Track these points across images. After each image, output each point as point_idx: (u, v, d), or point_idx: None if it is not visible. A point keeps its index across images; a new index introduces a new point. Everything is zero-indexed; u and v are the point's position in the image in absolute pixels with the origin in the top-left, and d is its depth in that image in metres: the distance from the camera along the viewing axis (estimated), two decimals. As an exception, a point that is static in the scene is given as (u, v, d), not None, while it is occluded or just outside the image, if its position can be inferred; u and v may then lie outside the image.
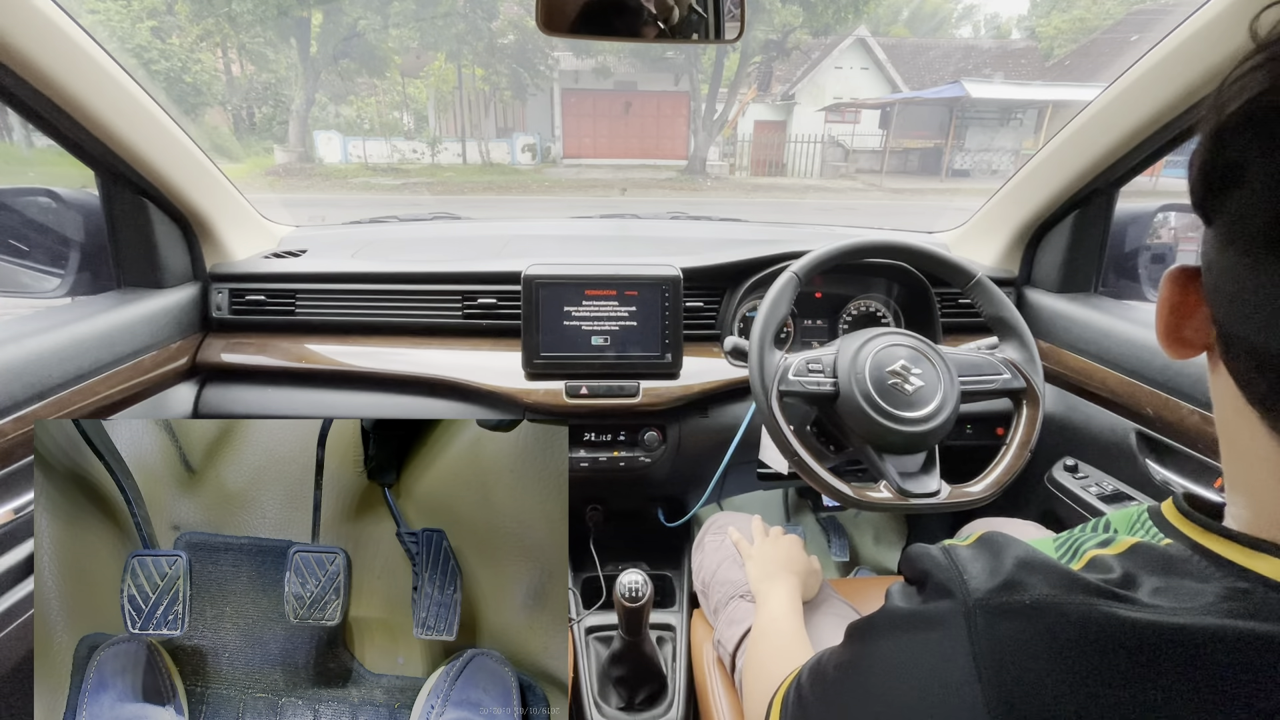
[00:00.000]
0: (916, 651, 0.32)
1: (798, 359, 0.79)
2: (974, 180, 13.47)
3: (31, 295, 0.97)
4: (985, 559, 0.32)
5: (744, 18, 0.70)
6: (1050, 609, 0.28)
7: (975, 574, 0.31)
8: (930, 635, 0.31)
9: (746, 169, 15.21)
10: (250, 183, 8.96)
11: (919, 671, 0.31)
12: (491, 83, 14.35)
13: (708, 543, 0.93)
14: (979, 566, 0.32)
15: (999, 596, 0.29)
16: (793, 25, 12.75)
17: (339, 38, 12.10)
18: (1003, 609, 0.29)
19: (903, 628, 0.34)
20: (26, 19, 0.67)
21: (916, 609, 0.33)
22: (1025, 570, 0.30)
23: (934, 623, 0.31)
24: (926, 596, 0.33)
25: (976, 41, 22.06)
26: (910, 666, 0.32)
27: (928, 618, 0.32)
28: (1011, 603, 0.29)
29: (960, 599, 0.30)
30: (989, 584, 0.30)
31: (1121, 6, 15.93)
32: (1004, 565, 0.31)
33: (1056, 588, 0.28)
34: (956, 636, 0.29)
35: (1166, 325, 0.32)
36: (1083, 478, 0.96)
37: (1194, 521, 0.31)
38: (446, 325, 1.05)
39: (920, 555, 0.35)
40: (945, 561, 0.33)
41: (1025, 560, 0.31)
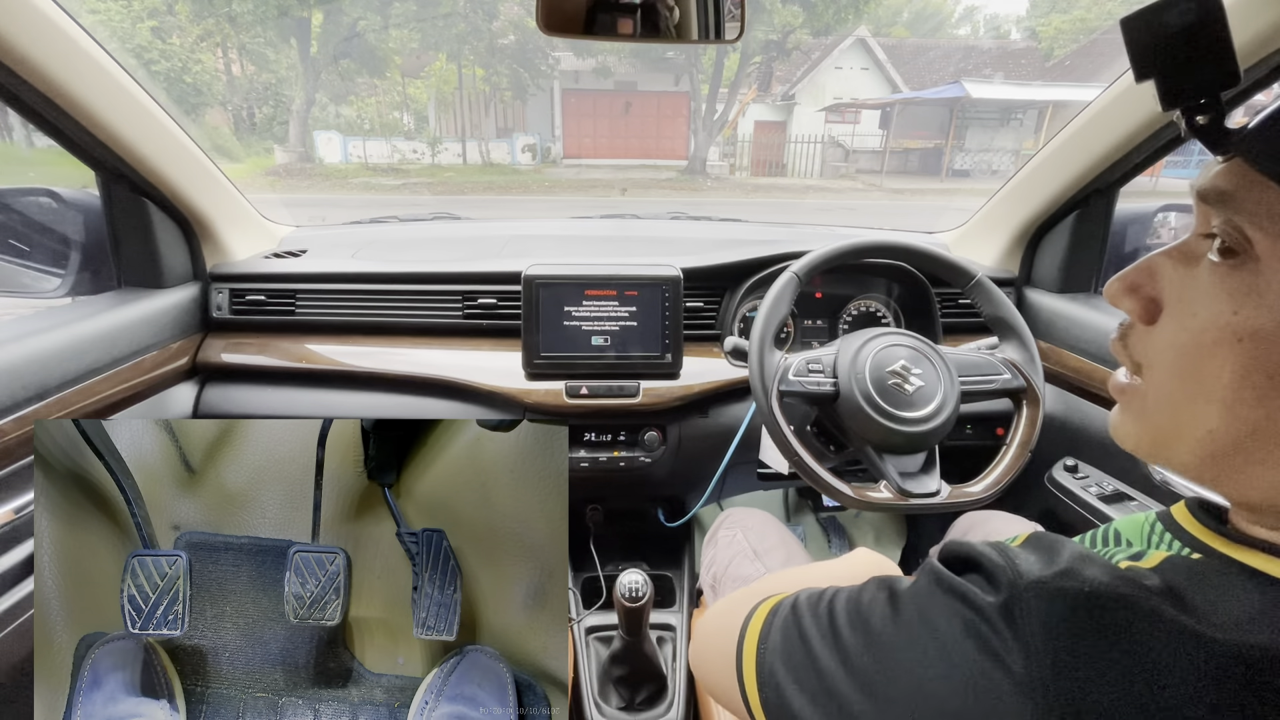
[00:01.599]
0: (952, 619, 0.30)
1: (798, 359, 0.79)
2: (974, 180, 13.46)
3: (32, 295, 0.97)
4: (1040, 553, 0.31)
5: (744, 18, 0.70)
6: (1110, 598, 0.26)
7: (1030, 564, 0.29)
8: (970, 613, 0.29)
9: (746, 169, 15.21)
10: (250, 183, 8.96)
11: (955, 642, 0.29)
12: (492, 83, 14.35)
13: (720, 537, 0.92)
14: (1033, 559, 0.30)
15: (1055, 581, 0.28)
16: (793, 25, 12.75)
17: (339, 38, 12.11)
18: (1059, 592, 0.27)
19: (949, 591, 0.31)
20: (26, 19, 0.67)
21: (963, 586, 0.31)
22: (1083, 562, 0.28)
23: (980, 599, 0.29)
24: (970, 579, 0.31)
25: (976, 42, 22.07)
26: (946, 633, 0.30)
27: (974, 595, 0.30)
28: (1068, 588, 0.27)
29: (1006, 587, 0.29)
30: (1043, 571, 0.28)
31: (1122, 6, 15.94)
32: (1060, 557, 0.29)
33: (1117, 579, 0.27)
34: (999, 618, 0.28)
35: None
36: (1083, 478, 0.96)
37: (1215, 531, 0.30)
38: (446, 325, 1.05)
39: (965, 546, 0.33)
40: (996, 555, 0.31)
41: (1083, 555, 0.29)
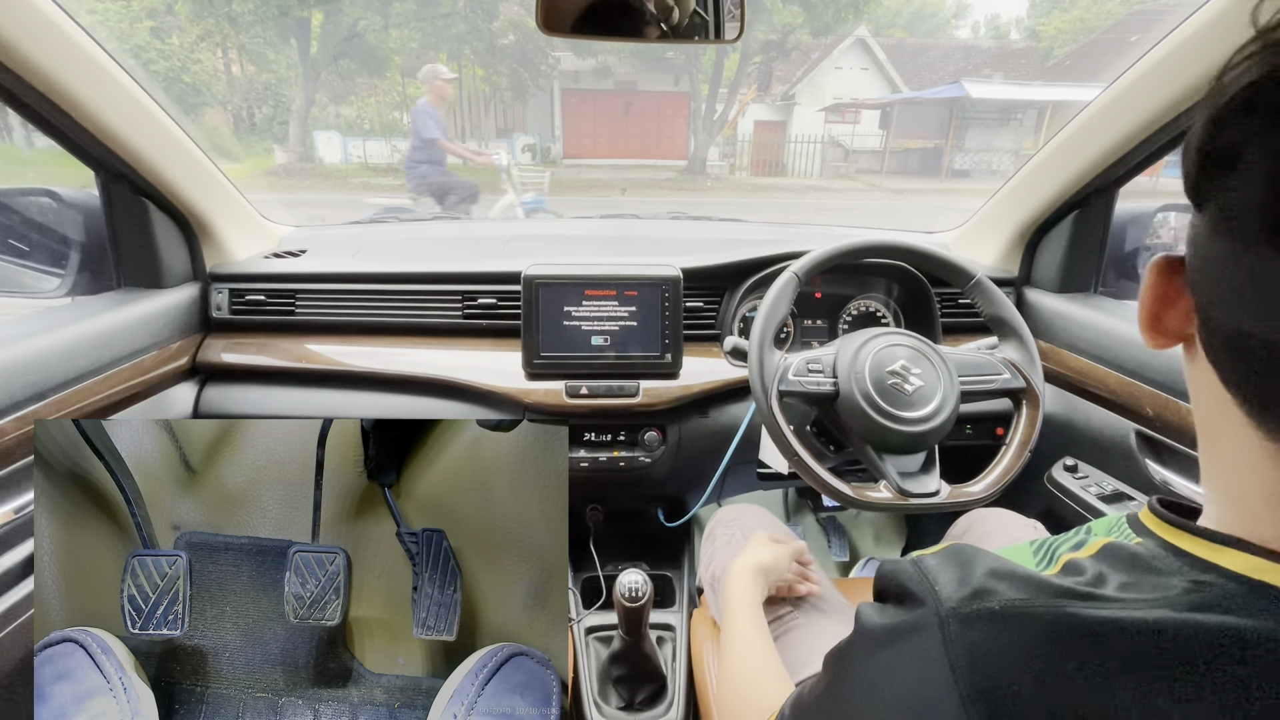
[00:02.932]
0: (893, 666, 0.32)
1: (798, 359, 0.79)
2: (974, 180, 13.46)
3: (32, 295, 0.97)
4: (954, 569, 0.33)
5: (744, 18, 0.70)
6: (1017, 613, 0.28)
7: (945, 583, 0.32)
8: (906, 646, 0.32)
9: (746, 169, 15.20)
10: (250, 183, 8.95)
11: (897, 687, 0.32)
12: (492, 83, 14.34)
13: (719, 535, 0.92)
14: (948, 576, 0.32)
15: (969, 604, 0.30)
16: (793, 25, 12.74)
17: (339, 38, 12.09)
18: (973, 615, 0.29)
19: (880, 643, 0.34)
20: (26, 19, 0.67)
21: (891, 622, 0.33)
22: (993, 578, 0.31)
23: (910, 631, 0.32)
24: (901, 607, 0.34)
25: (976, 42, 22.06)
26: (888, 685, 0.32)
27: (904, 628, 0.32)
28: (981, 609, 0.29)
29: (933, 606, 0.31)
30: (959, 592, 0.31)
31: (1122, 6, 15.93)
32: (973, 575, 0.31)
33: (1023, 592, 0.29)
34: (932, 644, 0.30)
35: (1149, 313, 0.32)
36: (1083, 478, 0.96)
37: (1165, 521, 0.31)
38: (446, 325, 1.05)
39: (890, 571, 0.36)
40: (915, 572, 0.34)
41: (994, 569, 0.31)
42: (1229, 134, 0.26)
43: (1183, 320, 0.31)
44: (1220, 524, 0.29)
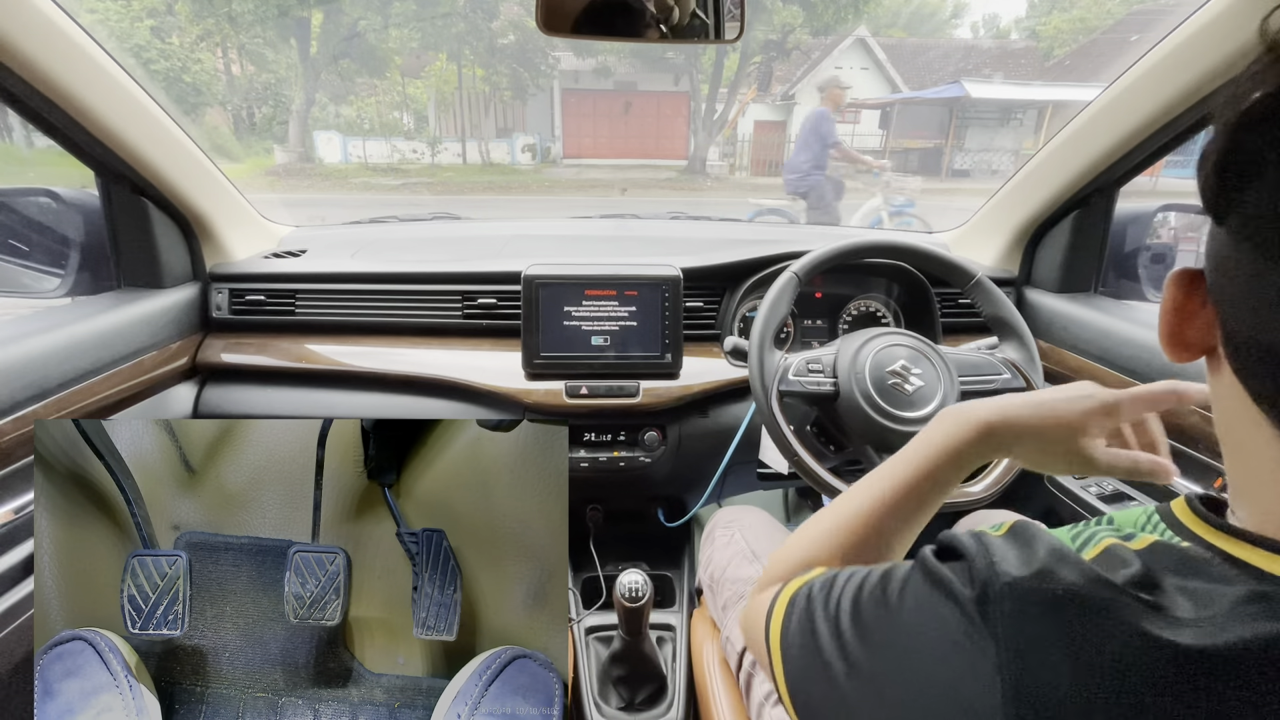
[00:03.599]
0: (939, 610, 0.32)
1: (798, 359, 0.79)
2: (974, 180, 13.45)
3: (31, 295, 0.97)
4: (1018, 548, 0.32)
5: (744, 18, 0.70)
6: (1081, 602, 0.27)
7: (1007, 559, 0.31)
8: (952, 593, 0.31)
9: (746, 169, 15.20)
10: (250, 183, 8.96)
11: (938, 630, 0.31)
12: (492, 83, 14.34)
13: (718, 537, 0.91)
14: (1011, 555, 0.31)
15: (1029, 582, 0.29)
16: (793, 25, 12.75)
17: (339, 38, 12.10)
18: (1031, 593, 0.28)
19: (931, 581, 0.33)
20: (26, 19, 0.67)
21: (943, 575, 0.33)
22: (1059, 562, 0.29)
23: (954, 593, 0.31)
24: (953, 569, 0.33)
25: (976, 42, 22.07)
26: (931, 621, 0.32)
27: (950, 586, 0.32)
28: (1041, 589, 0.28)
29: (981, 584, 0.30)
30: (1019, 570, 0.30)
31: (1122, 6, 15.93)
32: (1037, 555, 0.30)
33: (1089, 582, 0.28)
34: (975, 617, 0.29)
35: (1170, 328, 0.32)
36: (1082, 477, 0.96)
37: (1209, 523, 0.30)
38: (446, 325, 1.05)
39: (951, 535, 0.35)
40: (975, 546, 0.32)
41: (1059, 552, 0.30)
42: (1250, 143, 0.25)
43: (1204, 333, 0.30)
44: (1262, 530, 0.29)
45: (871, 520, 0.49)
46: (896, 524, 0.49)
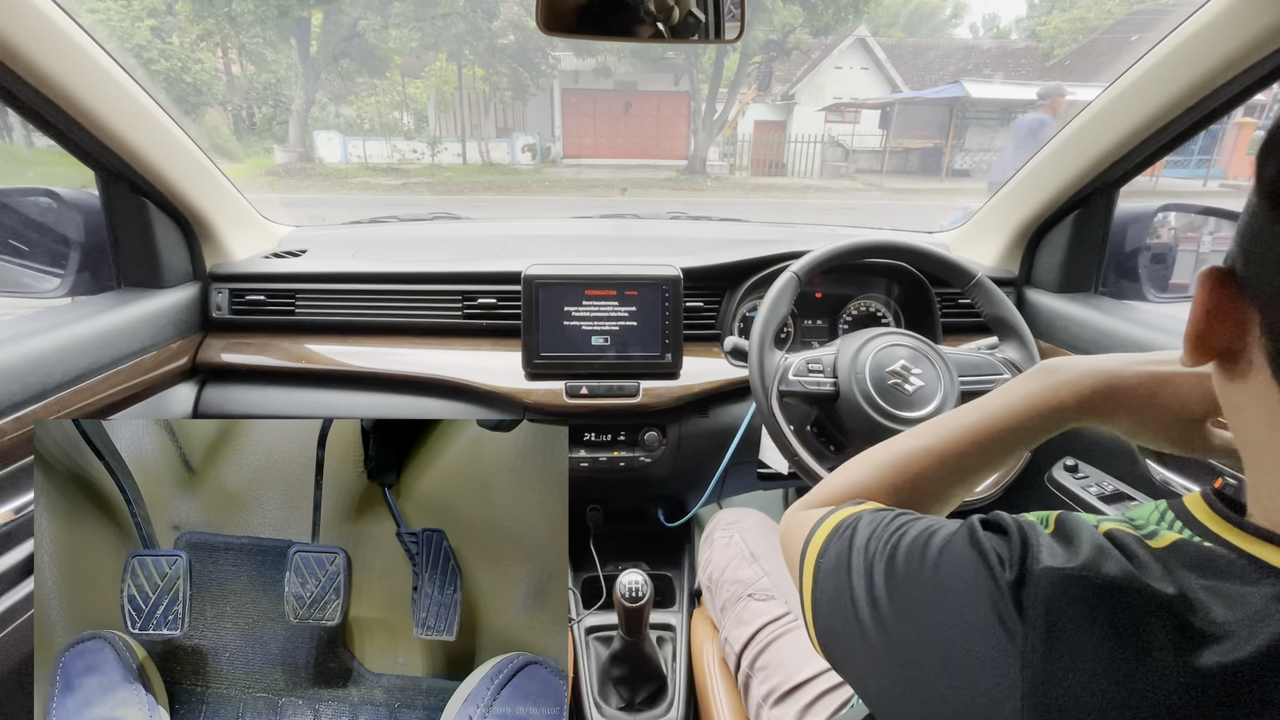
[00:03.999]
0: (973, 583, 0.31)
1: (798, 359, 0.79)
2: (974, 180, 13.46)
3: (31, 295, 0.97)
4: (1062, 542, 0.30)
5: (744, 18, 0.70)
6: (1121, 596, 0.26)
7: (1051, 550, 0.29)
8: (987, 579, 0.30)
9: (746, 169, 15.20)
10: (250, 183, 8.96)
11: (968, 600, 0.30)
12: (492, 83, 14.34)
13: (717, 538, 0.91)
14: (1056, 546, 0.30)
15: (1069, 570, 0.28)
16: (793, 25, 12.74)
17: (339, 38, 12.10)
18: (1069, 580, 0.28)
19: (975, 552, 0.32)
20: (26, 19, 0.67)
21: (986, 545, 0.32)
22: (1102, 557, 0.28)
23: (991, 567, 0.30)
24: (996, 544, 0.32)
25: (976, 42, 22.07)
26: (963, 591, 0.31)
27: (989, 558, 0.31)
28: (1081, 578, 0.27)
29: (1020, 565, 0.29)
30: (1062, 561, 0.29)
31: (1122, 6, 15.93)
32: (1080, 550, 0.29)
33: (1131, 579, 0.27)
34: (1006, 592, 0.28)
35: (1199, 328, 0.30)
36: (1083, 478, 0.96)
37: (1231, 523, 0.29)
38: (446, 325, 1.05)
39: (1000, 515, 0.34)
40: (1021, 531, 0.31)
41: (1103, 548, 0.29)
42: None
43: (1232, 335, 0.29)
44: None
45: (929, 463, 0.47)
46: (954, 476, 0.47)
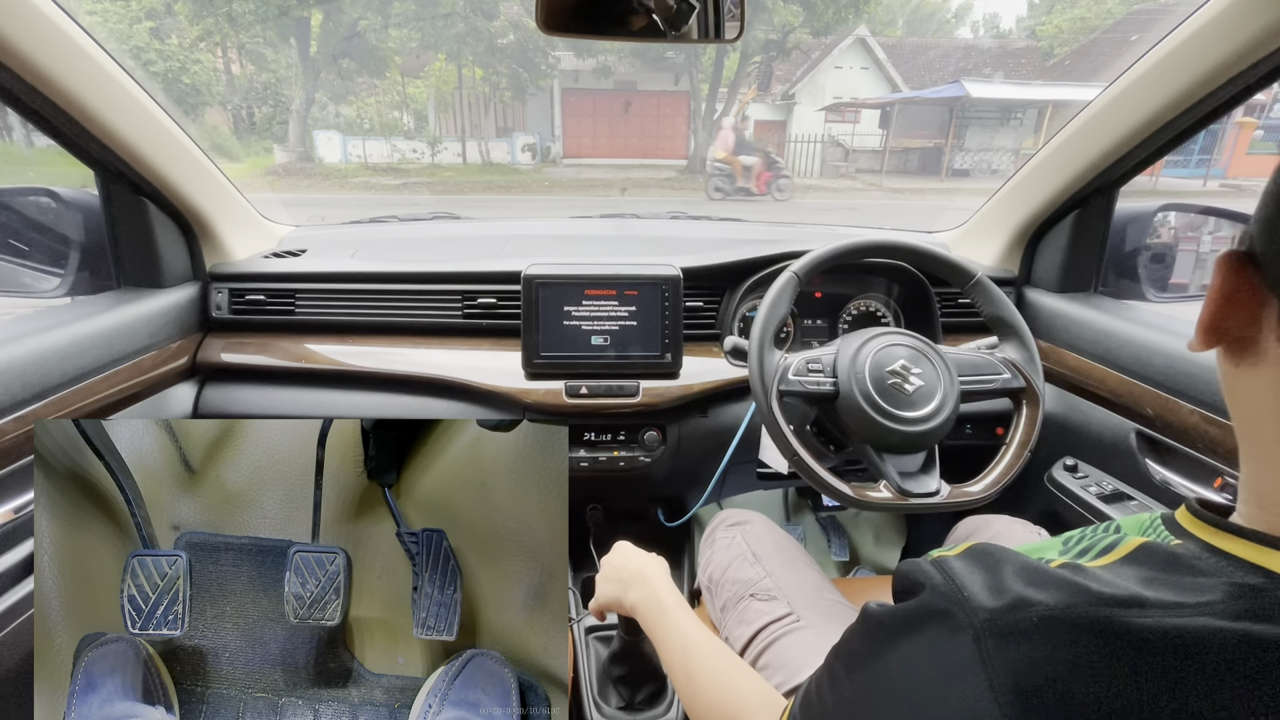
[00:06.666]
0: (919, 659, 0.31)
1: (797, 359, 0.79)
2: (974, 180, 13.45)
3: (31, 295, 0.97)
4: (982, 574, 0.31)
5: (744, 17, 0.70)
6: (1057, 623, 0.27)
7: (976, 590, 0.30)
8: (932, 641, 0.30)
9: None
10: (250, 183, 8.95)
11: (929, 687, 0.30)
12: (491, 83, 14.33)
13: (718, 538, 0.91)
14: (978, 582, 0.30)
15: (1005, 616, 0.28)
16: (793, 25, 12.74)
17: (339, 38, 12.09)
18: (1011, 629, 0.27)
19: (901, 632, 0.32)
20: (26, 19, 0.67)
21: (910, 612, 0.32)
22: (1027, 584, 0.29)
23: (933, 622, 0.30)
24: (920, 604, 0.32)
25: (976, 41, 22.07)
26: (918, 683, 0.30)
27: (925, 618, 0.31)
28: (1019, 621, 0.27)
29: (964, 618, 0.29)
30: (993, 602, 0.29)
31: (1122, 6, 15.92)
32: (1005, 581, 0.29)
33: (1062, 599, 0.27)
34: (965, 656, 0.28)
35: (1214, 316, 0.29)
36: (1083, 478, 0.96)
37: (1205, 522, 0.29)
38: (446, 325, 1.05)
39: (909, 571, 0.34)
40: (940, 578, 0.31)
41: (1025, 573, 0.29)
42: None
43: (1246, 321, 0.28)
44: (1264, 529, 0.28)
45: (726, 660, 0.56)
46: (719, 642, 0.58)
